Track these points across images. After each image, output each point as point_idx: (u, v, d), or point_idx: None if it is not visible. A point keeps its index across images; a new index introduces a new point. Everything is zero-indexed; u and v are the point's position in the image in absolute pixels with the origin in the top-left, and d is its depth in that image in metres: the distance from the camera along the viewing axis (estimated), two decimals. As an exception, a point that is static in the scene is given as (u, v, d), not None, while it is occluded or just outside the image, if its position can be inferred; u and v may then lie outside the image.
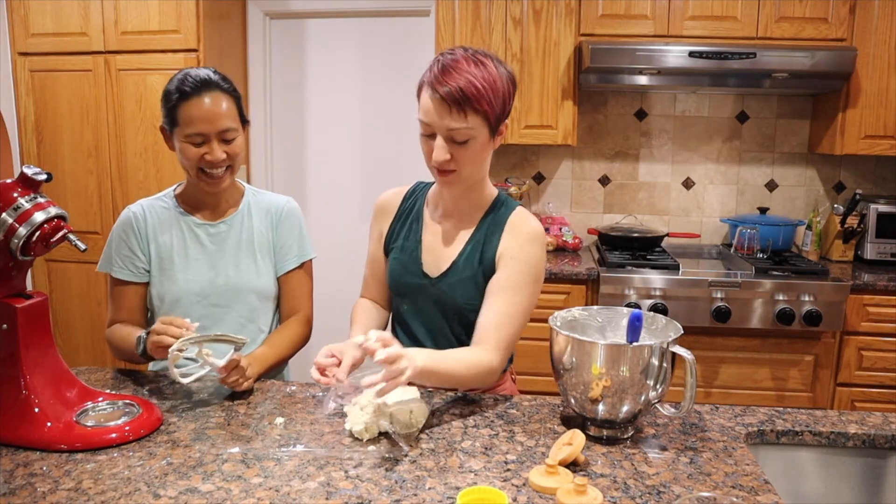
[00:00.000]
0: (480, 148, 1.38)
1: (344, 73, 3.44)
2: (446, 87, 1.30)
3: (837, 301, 2.63)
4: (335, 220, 3.56)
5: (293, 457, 1.18)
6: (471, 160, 1.38)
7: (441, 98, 1.31)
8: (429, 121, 1.35)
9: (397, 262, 1.54)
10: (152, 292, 1.66)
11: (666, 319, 1.32)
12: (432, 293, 1.50)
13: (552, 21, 2.94)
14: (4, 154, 3.03)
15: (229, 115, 1.56)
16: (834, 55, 2.73)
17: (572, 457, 1.14)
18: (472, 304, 1.46)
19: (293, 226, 1.74)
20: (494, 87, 1.33)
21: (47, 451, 1.19)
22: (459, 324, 1.50)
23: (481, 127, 1.35)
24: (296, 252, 1.73)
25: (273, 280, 1.72)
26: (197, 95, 1.52)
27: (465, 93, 1.30)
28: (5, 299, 1.24)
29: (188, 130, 1.53)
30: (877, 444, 1.30)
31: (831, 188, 3.28)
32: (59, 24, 3.03)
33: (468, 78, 1.30)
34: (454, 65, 1.32)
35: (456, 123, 1.33)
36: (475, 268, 1.46)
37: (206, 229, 1.68)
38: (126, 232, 1.65)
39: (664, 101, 3.29)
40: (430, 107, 1.33)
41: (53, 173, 1.31)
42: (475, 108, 1.32)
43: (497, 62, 1.37)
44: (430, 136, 1.37)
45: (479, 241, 1.47)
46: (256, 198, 1.75)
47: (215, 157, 1.55)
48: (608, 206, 3.40)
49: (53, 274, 3.23)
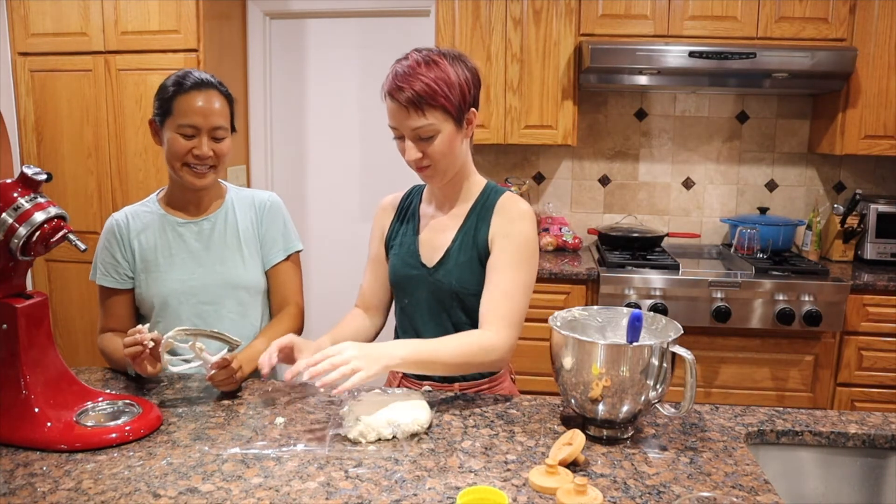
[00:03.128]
0: (449, 140, 1.43)
1: (344, 73, 3.44)
2: (401, 91, 1.38)
3: (837, 301, 2.63)
4: (335, 219, 3.56)
5: (293, 457, 1.18)
6: (442, 153, 1.44)
7: (399, 103, 1.39)
8: (394, 124, 1.43)
9: (397, 256, 1.58)
10: (141, 296, 1.67)
11: (666, 319, 1.32)
12: (430, 282, 1.53)
13: (552, 21, 2.94)
14: (4, 154, 3.03)
15: (222, 115, 1.61)
16: (834, 55, 2.73)
17: (572, 457, 1.14)
18: (469, 288, 1.50)
19: (277, 218, 1.75)
20: (448, 82, 1.40)
21: (47, 451, 1.19)
22: (460, 310, 1.52)
23: (443, 121, 1.41)
24: (281, 244, 1.74)
25: (261, 274, 1.73)
26: (195, 90, 1.58)
27: (418, 93, 1.37)
28: (5, 299, 1.24)
29: (182, 121, 1.57)
30: (877, 444, 1.30)
31: (831, 188, 3.28)
32: (59, 24, 3.03)
33: (420, 79, 1.38)
34: (406, 69, 1.39)
35: (417, 122, 1.39)
36: (469, 252, 1.50)
37: (190, 228, 1.69)
38: (109, 240, 1.67)
39: (664, 101, 3.29)
40: (390, 110, 1.42)
41: (53, 173, 1.31)
42: (431, 105, 1.39)
43: (452, 59, 1.43)
44: (400, 137, 1.45)
45: (471, 227, 1.52)
46: (239, 194, 1.77)
47: (203, 152, 1.58)
48: (608, 206, 3.40)
49: (53, 274, 3.23)
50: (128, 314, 1.69)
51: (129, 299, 1.69)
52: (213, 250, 1.68)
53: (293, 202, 3.50)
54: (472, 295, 1.50)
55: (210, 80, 1.62)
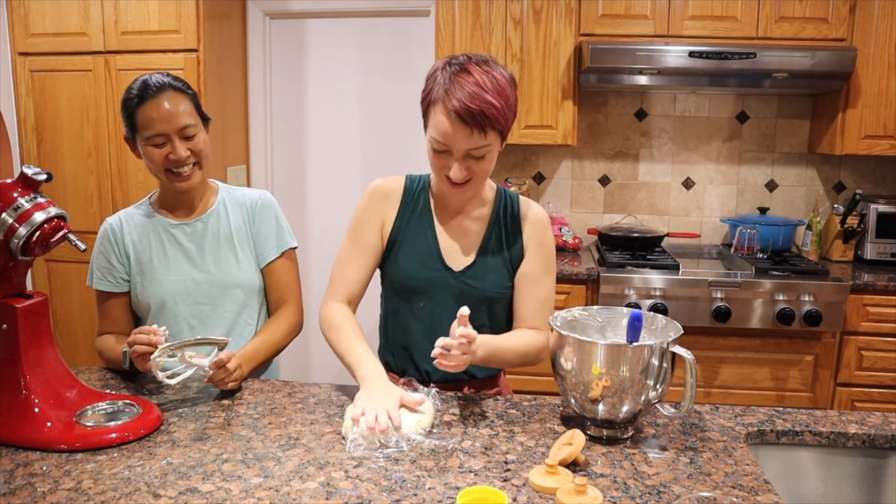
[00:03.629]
0: (494, 158, 1.42)
1: (344, 73, 3.44)
2: (466, 107, 1.30)
3: (837, 301, 2.63)
4: (335, 219, 3.56)
5: (293, 457, 1.18)
6: (485, 171, 1.42)
7: (461, 120, 1.31)
8: (445, 141, 1.35)
9: (411, 258, 1.52)
10: (137, 298, 1.68)
11: (666, 319, 1.32)
12: (454, 286, 1.51)
13: (552, 21, 2.94)
14: (4, 154, 3.03)
15: (186, 113, 1.58)
16: (834, 55, 2.73)
17: (572, 457, 1.14)
18: (501, 291, 1.52)
19: (269, 216, 1.75)
20: (507, 101, 1.35)
21: (47, 451, 1.19)
22: (484, 314, 1.52)
23: (496, 140, 1.38)
24: (275, 242, 1.74)
25: (257, 273, 1.73)
26: (153, 98, 1.55)
27: (485, 113, 1.31)
28: (5, 299, 1.24)
29: (148, 132, 1.56)
30: (877, 444, 1.30)
31: (831, 188, 3.28)
32: (59, 24, 3.03)
33: (485, 96, 1.30)
34: (475, 89, 1.31)
35: (477, 143, 1.35)
36: (502, 258, 1.52)
37: (184, 229, 1.69)
38: (104, 244, 1.67)
39: (664, 101, 3.29)
40: (448, 128, 1.33)
41: (53, 173, 1.31)
42: (494, 127, 1.34)
43: (499, 67, 1.38)
44: (445, 152, 1.38)
45: (500, 232, 1.53)
46: (231, 194, 1.76)
47: (178, 156, 1.57)
48: (608, 206, 3.40)
49: (53, 274, 3.23)
50: (125, 317, 1.70)
51: (126, 302, 1.70)
52: (207, 250, 1.68)
53: (293, 202, 3.50)
54: (501, 300, 1.52)
55: (164, 81, 1.57)
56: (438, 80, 1.35)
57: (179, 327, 1.65)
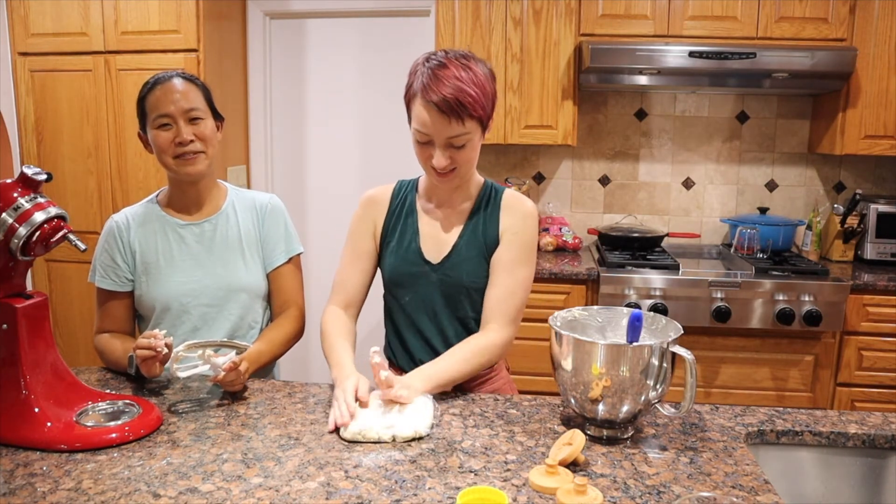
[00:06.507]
0: (476, 146, 1.46)
1: (344, 73, 3.43)
2: (445, 100, 1.35)
3: (837, 301, 2.63)
4: (335, 220, 3.55)
5: (293, 457, 1.18)
6: (469, 159, 1.46)
7: (439, 109, 1.36)
8: (426, 130, 1.41)
9: (395, 255, 1.57)
10: (141, 298, 1.67)
11: (666, 319, 1.32)
12: (434, 279, 1.54)
13: (552, 21, 2.94)
14: (4, 154, 3.03)
15: (193, 98, 1.60)
16: (834, 55, 2.73)
17: (572, 457, 1.14)
18: (478, 281, 1.53)
19: (278, 221, 1.75)
20: (484, 91, 1.40)
21: (47, 451, 1.19)
22: (468, 305, 1.54)
23: (476, 129, 1.42)
24: (283, 247, 1.74)
25: (263, 277, 1.72)
26: (159, 85, 1.59)
27: (461, 102, 1.35)
28: (5, 299, 1.24)
29: (154, 114, 1.58)
30: (877, 444, 1.30)
31: (831, 188, 3.28)
32: (59, 24, 3.03)
33: (461, 86, 1.36)
34: (448, 78, 1.36)
35: (455, 131, 1.39)
36: (478, 247, 1.53)
37: (192, 230, 1.68)
38: (108, 242, 1.66)
39: (664, 101, 3.29)
40: (427, 118, 1.39)
41: (53, 173, 1.31)
42: (471, 115, 1.38)
43: (478, 61, 1.43)
44: (427, 143, 1.43)
45: (478, 222, 1.54)
46: (240, 196, 1.76)
47: (183, 137, 1.57)
48: (608, 206, 3.40)
49: (53, 274, 3.23)
50: (125, 316, 1.69)
51: (128, 302, 1.68)
52: (215, 253, 1.68)
53: (293, 202, 3.50)
54: (481, 289, 1.53)
55: (175, 73, 1.62)
56: (418, 75, 1.41)
57: (183, 328, 1.65)
